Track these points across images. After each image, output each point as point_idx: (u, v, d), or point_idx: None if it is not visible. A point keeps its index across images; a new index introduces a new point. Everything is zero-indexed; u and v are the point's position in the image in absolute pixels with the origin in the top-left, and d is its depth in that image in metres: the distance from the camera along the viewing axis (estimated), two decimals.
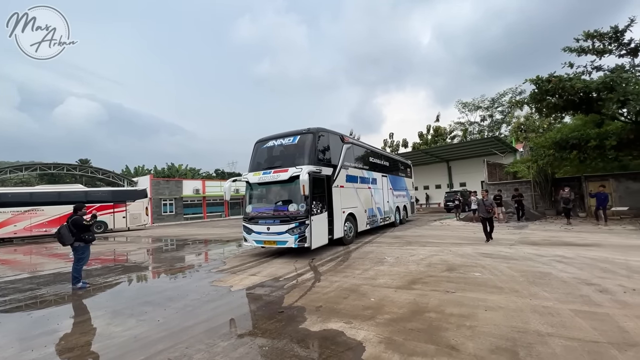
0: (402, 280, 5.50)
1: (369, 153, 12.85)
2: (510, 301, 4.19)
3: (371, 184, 12.25)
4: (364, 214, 11.31)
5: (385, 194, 13.68)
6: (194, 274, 7.31)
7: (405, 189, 16.79)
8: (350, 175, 10.47)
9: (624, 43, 13.03)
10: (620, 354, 2.76)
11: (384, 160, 14.33)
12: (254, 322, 4.00)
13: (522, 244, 8.54)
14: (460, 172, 31.13)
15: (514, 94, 35.90)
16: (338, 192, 9.45)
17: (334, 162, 9.55)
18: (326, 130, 9.56)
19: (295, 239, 7.87)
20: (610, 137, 12.38)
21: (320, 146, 9.05)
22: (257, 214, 8.74)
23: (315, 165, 8.47)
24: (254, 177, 8.89)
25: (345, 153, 10.29)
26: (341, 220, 9.47)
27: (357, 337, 3.33)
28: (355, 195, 10.71)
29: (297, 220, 7.93)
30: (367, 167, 12.11)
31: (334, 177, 9.36)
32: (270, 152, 9.47)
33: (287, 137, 9.25)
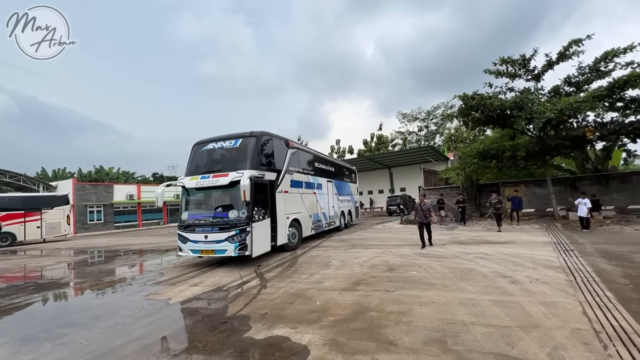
0: (347, 283, 5.70)
1: (315, 158, 12.97)
2: (441, 296, 4.62)
3: (317, 189, 12.37)
4: (309, 219, 11.35)
5: (331, 199, 13.96)
6: (126, 287, 6.66)
7: (350, 194, 17.31)
8: (295, 181, 10.44)
9: (530, 69, 15.36)
10: (526, 335, 3.23)
11: (330, 165, 14.62)
12: (194, 336, 3.79)
13: (452, 244, 9.44)
14: (400, 178, 33.32)
15: (446, 108, 39.79)
16: (282, 198, 9.35)
17: (278, 167, 9.42)
18: (270, 134, 9.41)
19: (236, 247, 7.52)
20: (520, 149, 14.41)
21: (264, 150, 8.84)
22: (194, 221, 8.22)
23: (258, 170, 8.22)
24: (191, 182, 8.34)
25: (290, 158, 10.23)
26: (285, 226, 9.36)
27: (302, 342, 3.37)
28: (300, 201, 10.70)
29: (238, 227, 7.59)
30: (312, 173, 12.20)
31: (278, 183, 9.23)
32: (209, 155, 9.02)
33: (228, 140, 8.90)
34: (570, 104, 12.17)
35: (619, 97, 13.19)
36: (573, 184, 16.73)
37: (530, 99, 13.60)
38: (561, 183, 17.04)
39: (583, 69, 14.35)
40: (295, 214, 10.14)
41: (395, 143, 44.60)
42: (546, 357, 2.78)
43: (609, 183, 16.06)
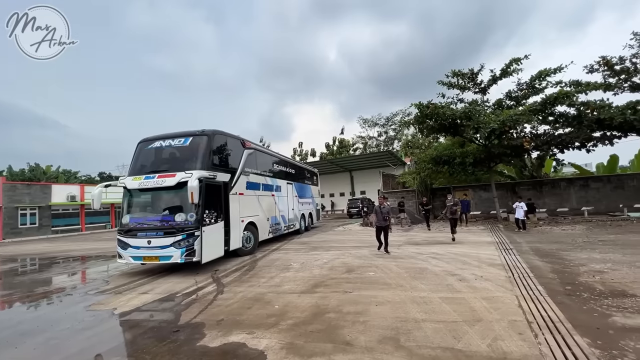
0: (306, 285, 5.71)
1: (274, 160, 12.77)
2: (395, 295, 4.82)
3: (275, 192, 12.17)
4: (267, 223, 11.10)
5: (291, 202, 13.84)
6: (65, 298, 6.03)
7: (312, 197, 17.36)
8: (251, 182, 10.15)
9: (477, 83, 16.70)
10: (470, 329, 3.49)
11: (290, 167, 14.51)
12: (141, 348, 3.54)
13: (407, 244, 9.90)
14: (361, 181, 34.22)
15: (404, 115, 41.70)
16: (237, 200, 8.97)
17: (232, 167, 9.01)
18: (224, 134, 8.97)
19: (182, 252, 7.04)
20: (469, 156, 15.58)
21: (217, 150, 8.41)
22: (136, 225, 7.62)
23: (209, 171, 7.79)
24: (134, 182, 7.74)
25: (247, 159, 9.88)
26: (239, 230, 8.99)
27: (259, 347, 3.31)
28: (256, 203, 10.43)
29: (185, 231, 7.12)
30: (271, 175, 11.98)
31: (232, 184, 8.84)
32: (156, 154, 8.39)
33: (177, 138, 8.32)
34: (510, 116, 13.44)
35: (550, 112, 14.84)
36: (513, 189, 18.45)
37: (477, 110, 14.80)
38: (503, 188, 18.71)
39: (521, 85, 15.93)
40: (251, 217, 9.82)
41: (356, 147, 45.75)
42: (487, 348, 3.03)
43: (542, 188, 17.97)
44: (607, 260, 6.50)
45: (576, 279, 5.26)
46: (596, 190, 17.06)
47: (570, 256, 7.09)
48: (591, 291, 4.59)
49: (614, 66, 14.83)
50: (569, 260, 6.66)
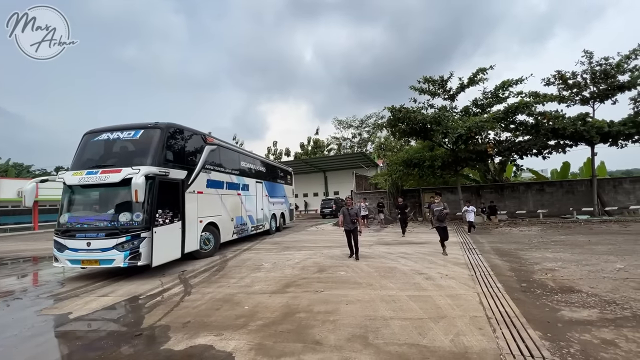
0: (278, 285, 5.67)
1: (241, 157, 12.26)
2: (365, 294, 4.91)
3: (242, 190, 11.72)
4: (231, 223, 10.60)
5: (260, 201, 13.41)
6: (13, 302, 5.55)
7: (285, 196, 17.11)
8: (213, 180, 9.57)
9: (447, 90, 17.44)
10: (435, 325, 3.63)
11: (261, 165, 14.08)
12: (99, 354, 3.34)
13: (378, 244, 10.12)
14: (334, 182, 34.54)
15: (377, 118, 42.69)
16: (194, 199, 8.44)
17: (190, 164, 8.46)
18: (181, 127, 8.36)
19: (126, 256, 6.47)
20: (437, 160, 16.24)
21: (171, 145, 7.79)
22: (74, 225, 6.94)
23: (161, 167, 7.16)
24: (74, 178, 7.07)
25: (208, 155, 9.36)
26: (196, 231, 8.46)
27: (226, 349, 3.24)
28: (219, 202, 9.89)
29: (130, 233, 6.55)
30: (237, 172, 11.49)
31: (190, 182, 8.30)
32: (102, 147, 7.71)
33: (127, 131, 7.63)
34: (476, 123, 14.18)
35: (512, 120, 15.83)
36: (477, 192, 19.46)
37: (446, 116, 15.47)
38: (468, 190, 19.67)
39: (486, 94, 16.85)
40: (211, 217, 9.27)
41: (330, 148, 46.14)
42: (450, 343, 3.17)
43: (503, 191, 19.10)
44: (558, 259, 7.04)
45: (531, 277, 5.64)
46: (550, 194, 18.42)
47: (526, 255, 7.60)
48: (543, 288, 4.95)
49: (567, 80, 16.11)
50: (525, 259, 7.13)
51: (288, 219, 17.67)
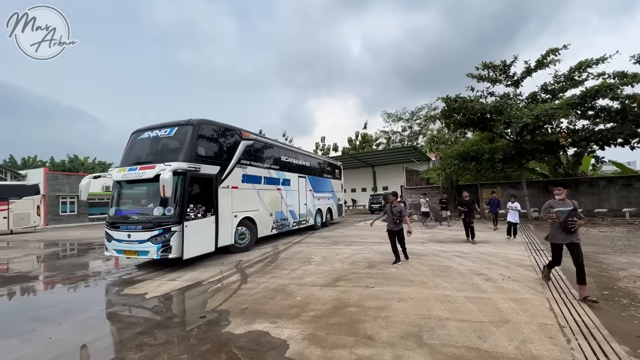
0: (328, 278, 5.75)
1: (281, 151, 11.98)
2: (418, 292, 4.74)
3: (282, 185, 11.54)
4: (270, 218, 10.54)
5: (303, 196, 13.18)
6: (100, 282, 6.44)
7: (332, 191, 16.74)
8: (249, 175, 9.54)
9: (510, 75, 15.89)
10: (497, 330, 3.37)
11: (304, 160, 13.75)
12: (170, 331, 3.72)
13: (430, 242, 9.70)
14: (383, 177, 33.82)
15: (429, 109, 40.56)
16: (228, 194, 8.51)
17: (224, 159, 8.53)
18: (214, 123, 8.49)
19: (158, 248, 6.74)
20: (498, 152, 14.93)
21: (203, 141, 7.96)
22: (119, 217, 7.47)
23: (192, 163, 7.33)
24: (118, 174, 7.51)
25: (244, 150, 9.35)
26: (231, 225, 8.51)
27: (281, 336, 3.38)
28: (256, 197, 9.84)
29: (162, 226, 6.80)
30: (277, 167, 11.32)
31: (223, 177, 8.37)
32: (143, 144, 8.12)
33: (164, 129, 7.94)
34: (545, 111, 12.70)
35: (590, 106, 13.88)
36: (545, 187, 17.50)
37: (509, 104, 14.11)
38: (535, 186, 17.80)
39: (559, 77, 15.00)
40: (247, 212, 9.27)
41: (379, 142, 45.13)
42: (515, 350, 2.92)
43: (578, 187, 16.91)
44: None
45: (615, 284, 4.94)
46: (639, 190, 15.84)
47: (608, 260, 6.66)
48: (632, 297, 4.30)
49: None
50: (607, 264, 6.26)
51: (336, 215, 17.34)
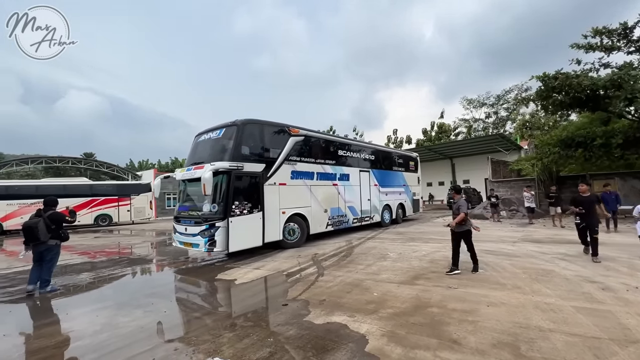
0: (405, 276, 5.54)
1: (337, 145, 11.53)
2: (512, 297, 4.22)
3: (340, 181, 11.16)
4: (324, 214, 10.33)
5: (366, 192, 12.55)
6: (199, 267, 7.41)
7: (405, 185, 15.52)
8: (299, 172, 9.51)
9: (633, 40, 12.83)
10: (622, 350, 2.79)
11: (366, 153, 13.09)
12: (258, 315, 4.06)
13: (525, 242, 8.54)
14: (464, 169, 31.04)
15: (520, 91, 35.60)
16: (275, 191, 8.65)
17: (269, 157, 8.71)
18: (259, 122, 8.73)
19: (205, 242, 7.24)
20: (616, 136, 12.26)
21: (247, 140, 8.24)
22: (180, 213, 8.33)
23: (234, 162, 7.65)
24: (179, 174, 8.32)
25: (293, 146, 9.38)
26: (278, 222, 8.67)
27: (360, 330, 3.38)
28: (307, 194, 9.75)
29: (208, 222, 7.33)
30: (333, 162, 10.99)
31: (269, 174, 8.54)
32: (199, 146, 8.83)
33: (216, 130, 8.47)
34: None
35: None
36: None
37: (632, 76, 11.39)
38: None
39: None
40: (297, 208, 9.31)
41: (458, 132, 41.56)
42: None
43: None
44: None
45: None
46: None
47: None
48: None
49: None
50: None
51: (410, 211, 15.91)
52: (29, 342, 3.62)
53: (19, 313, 4.71)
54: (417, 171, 16.88)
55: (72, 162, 30.52)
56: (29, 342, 3.62)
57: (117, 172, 32.20)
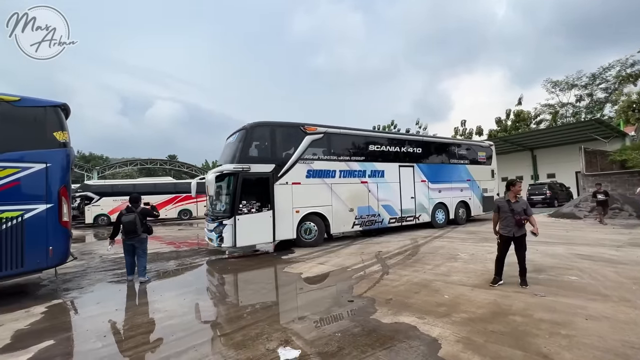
0: (480, 279, 5.11)
1: (367, 140, 10.89)
2: (619, 311, 3.57)
3: (370, 178, 10.58)
4: (349, 214, 9.98)
5: (408, 189, 11.48)
6: (267, 259, 7.86)
7: (469, 180, 13.43)
8: (316, 170, 9.39)
9: None
10: None
11: (410, 146, 11.91)
12: (324, 309, 4.14)
13: (633, 246, 7.18)
14: (547, 162, 27.28)
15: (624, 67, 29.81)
16: (287, 190, 8.77)
17: (280, 157, 8.92)
18: (269, 124, 9.01)
19: (216, 238, 7.98)
20: None
21: (255, 143, 8.78)
22: (206, 211, 9.54)
23: (241, 164, 8.12)
24: (206, 176, 9.37)
25: (309, 145, 9.32)
26: (291, 220, 8.78)
27: (431, 334, 3.21)
28: (327, 192, 9.56)
29: (218, 220, 8.09)
30: (361, 158, 10.48)
31: (280, 174, 8.70)
32: (223, 150, 9.75)
33: (234, 134, 9.23)
34: None
35: None
36: None
37: None
38: None
39: None
40: (314, 207, 9.25)
41: (540, 119, 36.65)
42: None
43: None
44: None
45: None
46: None
47: None
48: None
49: None
50: None
51: (479, 209, 13.73)
52: (134, 317, 4.25)
53: (125, 292, 5.57)
54: (490, 163, 14.59)
55: (159, 164, 35.11)
56: (134, 316, 4.26)
57: (195, 171, 35.97)
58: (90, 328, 3.88)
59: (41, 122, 5.48)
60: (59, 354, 3.26)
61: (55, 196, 5.33)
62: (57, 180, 5.39)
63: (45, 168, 5.28)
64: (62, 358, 3.18)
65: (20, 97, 5.32)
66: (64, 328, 4.00)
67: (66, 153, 5.61)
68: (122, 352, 3.21)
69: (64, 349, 3.38)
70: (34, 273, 5.59)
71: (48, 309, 4.69)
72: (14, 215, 4.97)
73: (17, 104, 5.25)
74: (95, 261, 8.51)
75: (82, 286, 5.99)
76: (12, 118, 5.22)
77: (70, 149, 5.78)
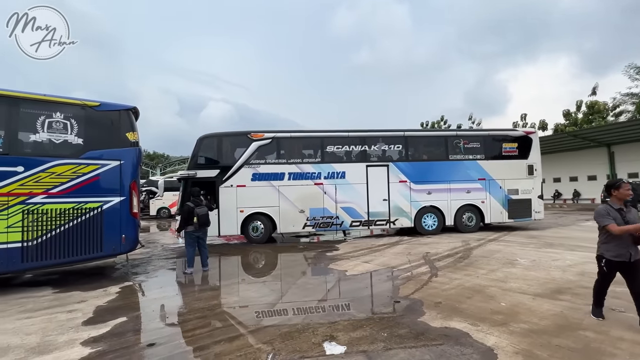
0: (543, 288, 4.65)
1: (325, 142, 10.52)
2: None
3: (327, 179, 10.23)
4: (300, 215, 10.04)
5: (379, 190, 10.46)
6: (311, 255, 8.00)
7: (481, 179, 10.97)
8: (262, 173, 9.99)
9: None
10: None
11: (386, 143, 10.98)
12: (370, 308, 4.10)
13: None
14: (628, 159, 23.85)
15: None
16: (232, 192, 9.71)
17: (228, 163, 9.88)
18: (215, 135, 10.31)
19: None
20: None
21: (202, 152, 9.93)
22: None
23: (189, 170, 9.65)
24: None
25: (256, 151, 9.99)
26: (235, 219, 9.69)
27: (485, 342, 3.00)
28: (274, 194, 9.98)
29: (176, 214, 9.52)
30: (317, 160, 10.35)
31: (225, 178, 9.67)
32: None
33: None
34: None
35: None
36: None
37: None
38: None
39: None
40: (259, 208, 9.91)
41: (620, 111, 32.13)
42: None
43: None
44: None
45: None
46: None
47: None
48: None
49: None
50: None
51: (503, 215, 11.00)
52: (192, 302, 4.61)
53: (183, 279, 6.07)
54: (526, 156, 11.30)
55: None
56: (192, 302, 4.62)
57: None
58: (155, 309, 4.31)
59: (116, 124, 6.20)
60: (131, 329, 3.66)
61: (127, 190, 6.01)
62: (129, 176, 6.07)
63: (119, 165, 5.97)
64: (133, 334, 3.57)
65: (100, 102, 6.09)
66: (133, 307, 4.51)
67: (137, 151, 6.29)
68: (183, 333, 3.51)
69: (134, 326, 3.80)
70: (110, 257, 6.36)
71: (121, 289, 5.30)
72: (95, 206, 5.71)
73: (97, 108, 6.01)
74: (158, 250, 9.42)
75: (147, 271, 6.67)
76: (93, 121, 6.01)
77: (140, 147, 6.45)
